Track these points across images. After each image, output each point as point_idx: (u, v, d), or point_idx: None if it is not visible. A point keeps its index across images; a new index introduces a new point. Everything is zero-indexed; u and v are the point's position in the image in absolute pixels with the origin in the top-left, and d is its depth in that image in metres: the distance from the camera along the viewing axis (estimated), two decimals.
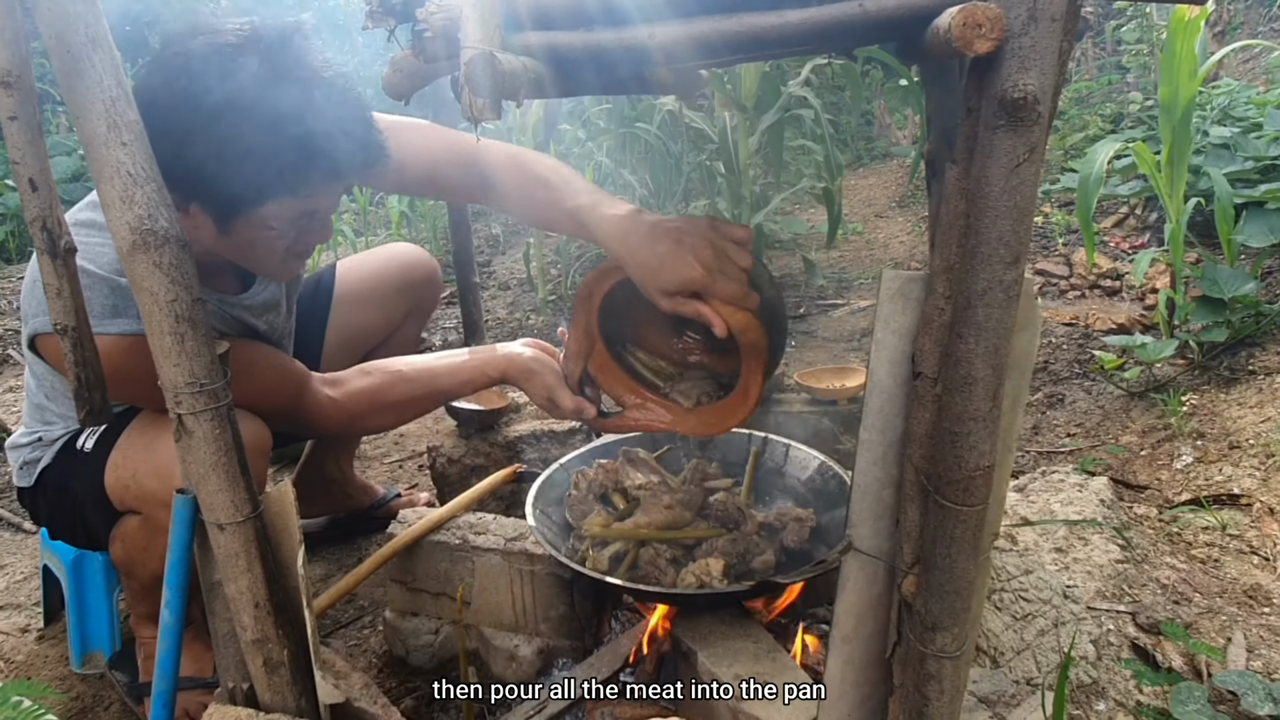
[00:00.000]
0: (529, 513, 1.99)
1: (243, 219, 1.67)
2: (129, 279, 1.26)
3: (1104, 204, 5.17)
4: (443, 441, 2.73)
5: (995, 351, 1.02)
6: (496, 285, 5.72)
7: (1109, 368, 3.57)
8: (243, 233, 1.69)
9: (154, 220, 1.24)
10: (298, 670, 1.49)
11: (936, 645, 1.16)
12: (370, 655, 2.33)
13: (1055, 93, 0.97)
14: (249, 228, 1.69)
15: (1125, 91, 6.62)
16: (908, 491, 1.18)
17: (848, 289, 5.21)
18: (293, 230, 1.74)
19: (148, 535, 1.88)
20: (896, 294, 1.17)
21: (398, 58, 1.26)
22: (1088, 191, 3.39)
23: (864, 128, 8.26)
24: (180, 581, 1.45)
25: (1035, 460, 3.16)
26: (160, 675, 1.48)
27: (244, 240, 1.71)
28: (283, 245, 1.76)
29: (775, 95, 4.74)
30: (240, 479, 1.38)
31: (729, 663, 1.68)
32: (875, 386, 1.21)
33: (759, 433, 2.30)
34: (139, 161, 1.24)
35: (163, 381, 1.30)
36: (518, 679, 2.10)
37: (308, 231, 1.78)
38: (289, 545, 1.47)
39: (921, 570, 1.16)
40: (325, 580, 2.67)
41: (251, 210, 1.65)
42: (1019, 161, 0.95)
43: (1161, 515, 2.67)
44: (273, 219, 1.68)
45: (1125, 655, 2.03)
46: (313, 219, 1.76)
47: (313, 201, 1.71)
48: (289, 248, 1.78)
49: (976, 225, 0.98)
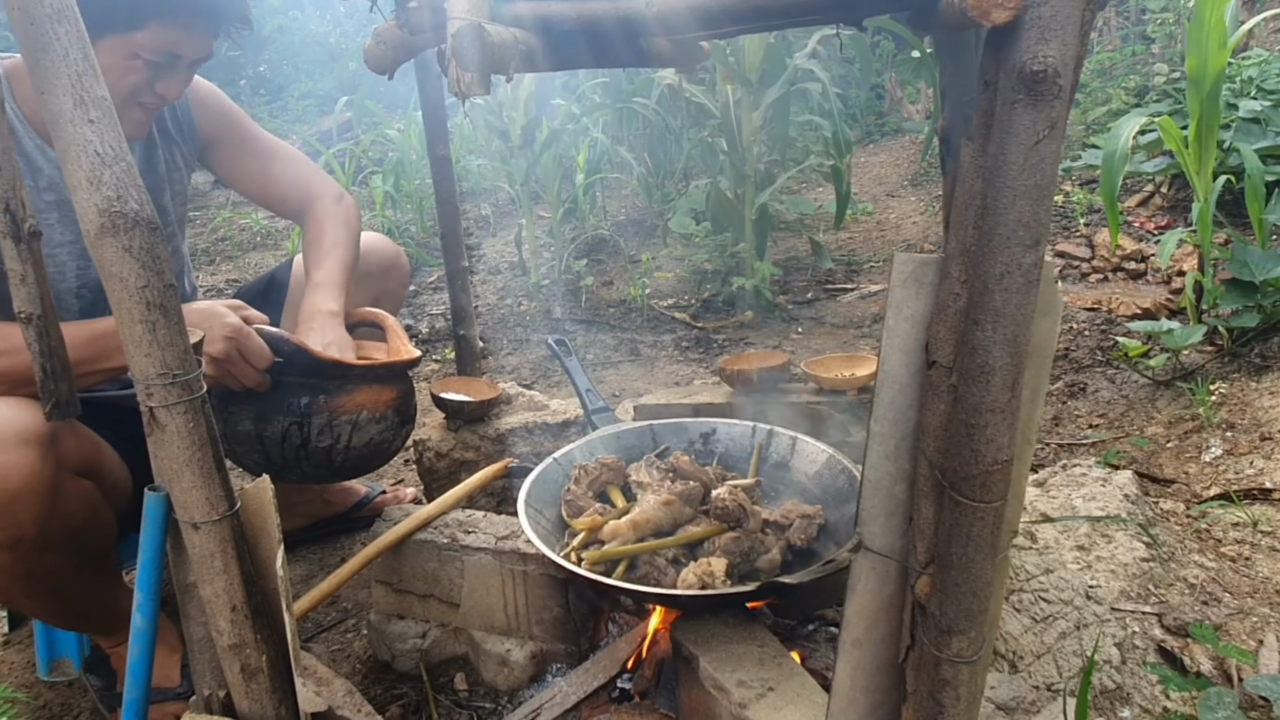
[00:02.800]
0: (521, 510, 1.99)
1: (112, 39, 1.89)
2: (96, 264, 1.26)
3: (1128, 182, 5.17)
4: (430, 435, 2.73)
5: (1014, 339, 1.01)
6: (486, 269, 5.72)
7: (1134, 355, 3.57)
8: (104, 58, 1.69)
9: (123, 202, 1.24)
10: (277, 677, 1.49)
11: (952, 649, 1.16)
12: (354, 660, 2.33)
13: (1077, 65, 0.96)
14: (112, 53, 1.89)
15: (1150, 63, 6.61)
16: (921, 487, 1.18)
17: (857, 272, 5.21)
18: (151, 71, 1.97)
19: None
20: (909, 278, 1.17)
21: (381, 29, 1.25)
22: (1112, 169, 3.38)
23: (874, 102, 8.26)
24: (153, 584, 1.45)
25: (1056, 453, 3.16)
26: (132, 683, 1.48)
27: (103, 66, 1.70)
28: (139, 82, 1.97)
29: (781, 68, 4.73)
30: (216, 475, 1.37)
31: (732, 668, 1.68)
32: (887, 376, 1.21)
33: (764, 425, 2.31)
34: (108, 140, 1.23)
35: (133, 373, 1.30)
36: (510, 685, 2.10)
37: (164, 77, 2.00)
38: (267, 545, 1.47)
39: (936, 570, 1.16)
40: (306, 582, 2.68)
41: (125, 31, 1.90)
42: (1039, 138, 0.94)
43: (1189, 511, 2.68)
44: (142, 46, 1.92)
45: (1151, 659, 2.03)
46: (175, 64, 1.99)
47: (184, 39, 1.97)
48: (140, 91, 1.99)
49: (994, 205, 0.98)
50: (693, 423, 2.40)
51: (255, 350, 1.91)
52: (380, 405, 2.03)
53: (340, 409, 1.98)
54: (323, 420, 1.98)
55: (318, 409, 1.97)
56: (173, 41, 1.96)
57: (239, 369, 1.91)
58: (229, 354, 1.88)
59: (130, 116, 2.02)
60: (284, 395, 1.96)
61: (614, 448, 2.31)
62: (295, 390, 1.96)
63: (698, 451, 2.32)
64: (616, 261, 5.61)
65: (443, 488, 2.66)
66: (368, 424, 2.03)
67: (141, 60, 1.94)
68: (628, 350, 4.56)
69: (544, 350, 4.54)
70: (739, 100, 4.78)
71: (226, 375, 1.91)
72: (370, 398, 2.02)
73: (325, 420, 1.98)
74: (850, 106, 7.75)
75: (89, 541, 1.86)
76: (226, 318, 1.88)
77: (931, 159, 6.57)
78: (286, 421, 1.96)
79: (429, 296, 5.37)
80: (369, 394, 2.02)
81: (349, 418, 1.99)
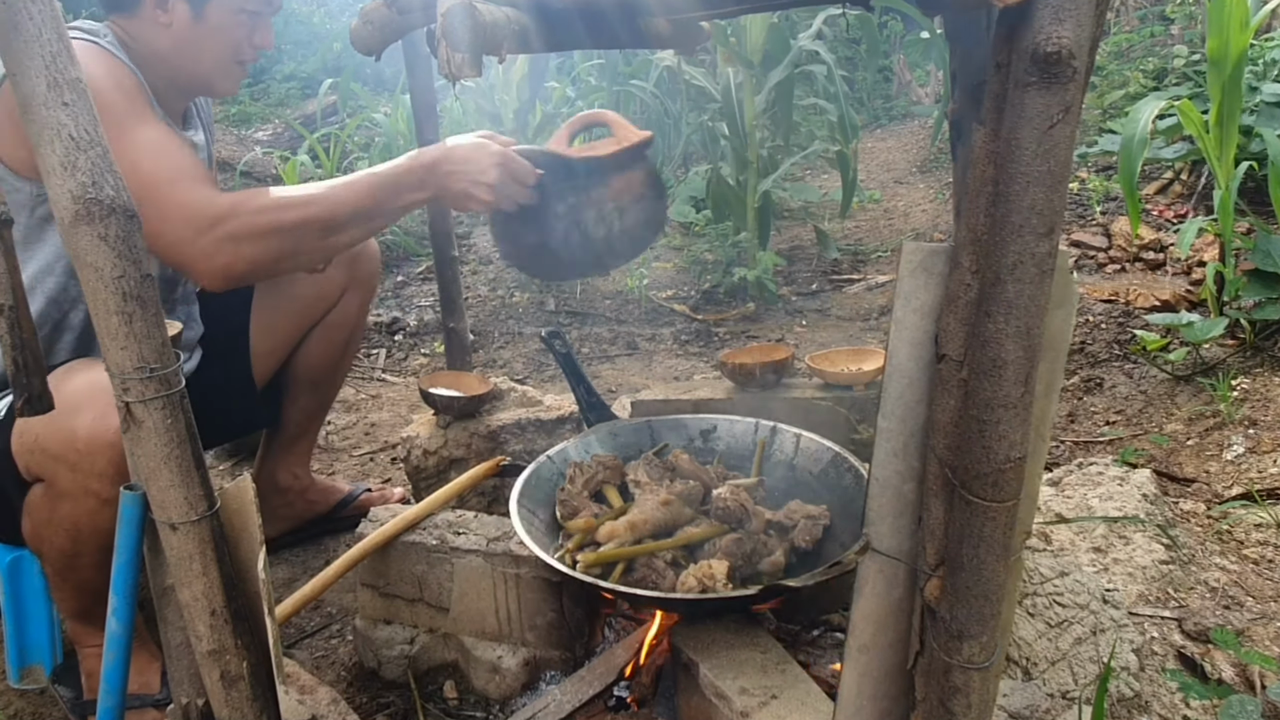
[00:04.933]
0: (513, 510, 1.99)
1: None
2: (70, 254, 1.26)
3: (1146, 169, 5.18)
4: (418, 432, 2.73)
5: (1027, 331, 1.02)
6: (477, 259, 5.72)
7: (1152, 349, 3.57)
8: (215, 16, 2.14)
9: (99, 188, 1.23)
10: (258, 685, 1.50)
11: (963, 655, 1.17)
12: (339, 667, 2.34)
13: (1092, 46, 0.96)
14: (222, 9, 2.14)
15: (1169, 44, 6.61)
16: (931, 486, 1.18)
17: (864, 262, 5.22)
18: (253, 22, 2.21)
19: (50, 503, 1.90)
20: (918, 268, 1.17)
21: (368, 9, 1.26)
22: (1130, 155, 3.39)
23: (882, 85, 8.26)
24: (128, 587, 1.45)
25: (1071, 451, 3.17)
26: (107, 690, 1.48)
27: (214, 26, 2.15)
28: (242, 36, 2.21)
29: (784, 49, 4.73)
30: (195, 473, 1.37)
31: (734, 675, 1.68)
32: (895, 370, 1.21)
33: (766, 421, 2.31)
34: (82, 123, 1.23)
35: (109, 366, 1.30)
36: (501, 693, 2.11)
37: (260, 28, 2.24)
38: (249, 546, 1.47)
39: (946, 573, 1.16)
40: (289, 585, 2.68)
41: None
42: (1053, 122, 0.95)
43: (1210, 511, 2.68)
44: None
45: (1171, 666, 2.04)
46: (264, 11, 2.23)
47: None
48: (241, 46, 2.22)
49: (1006, 192, 0.98)
50: (693, 419, 2.40)
51: (521, 169, 2.09)
52: (635, 185, 2.27)
53: (603, 199, 2.22)
54: (593, 213, 2.21)
55: (585, 204, 2.21)
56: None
57: (511, 190, 2.09)
58: (502, 178, 2.06)
59: (232, 75, 2.27)
60: (554, 202, 2.22)
61: (610, 445, 2.31)
62: (561, 195, 2.21)
63: (698, 449, 2.33)
64: None
65: (431, 487, 2.66)
66: (631, 204, 2.25)
67: (246, 13, 2.19)
68: (625, 344, 4.57)
69: (537, 344, 4.54)
70: (741, 83, 4.78)
71: (503, 199, 2.09)
72: (624, 182, 2.24)
73: (595, 213, 2.21)
74: (857, 90, 7.76)
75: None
76: (490, 147, 2.07)
77: (941, 144, 6.57)
78: (564, 224, 2.20)
79: (417, 287, 5.37)
80: (622, 180, 2.24)
81: (614, 204, 2.23)
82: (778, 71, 4.72)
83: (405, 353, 4.62)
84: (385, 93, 8.22)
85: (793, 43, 4.73)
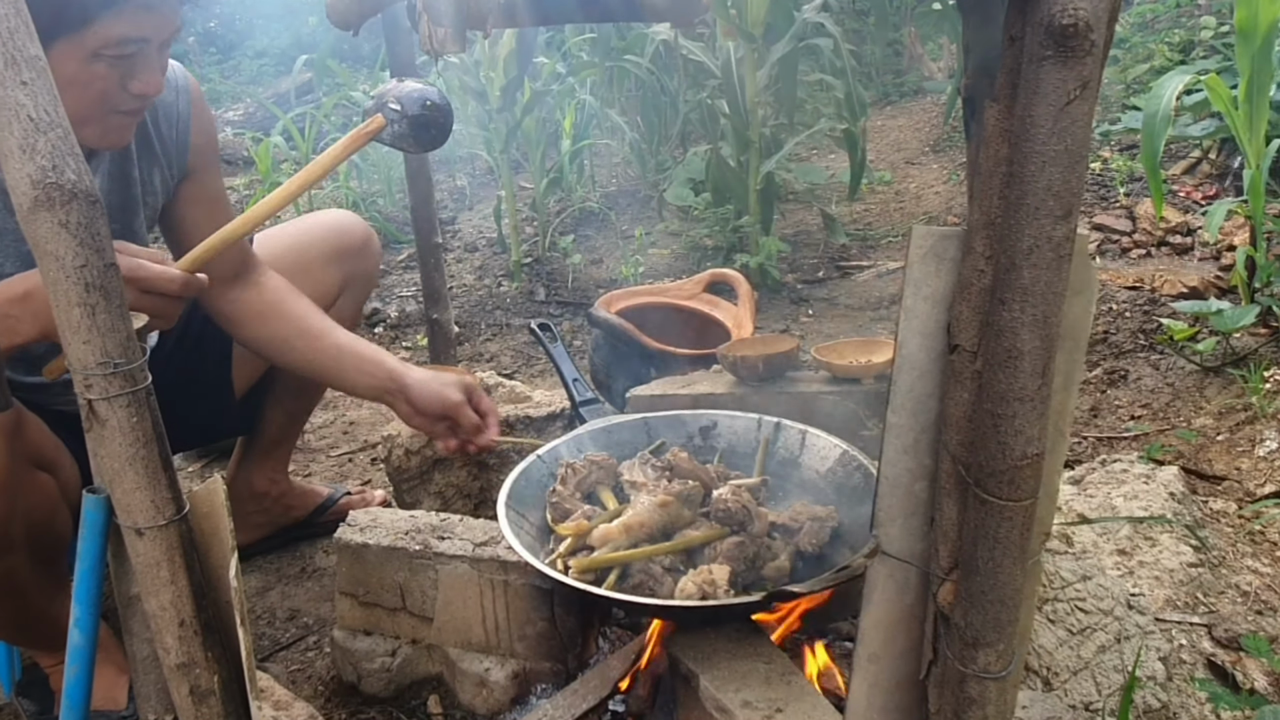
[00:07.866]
0: (501, 512, 1.99)
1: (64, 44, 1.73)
2: (30, 241, 1.26)
3: (1172, 147, 5.18)
4: (399, 431, 2.73)
5: (1044, 320, 1.02)
6: (462, 246, 5.72)
7: (1179, 338, 3.58)
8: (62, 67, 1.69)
9: (59, 172, 1.23)
10: (230, 700, 1.50)
11: (979, 664, 1.17)
12: (316, 681, 2.34)
13: (1112, 18, 0.97)
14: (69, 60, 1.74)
15: (1196, 15, 6.61)
16: (944, 484, 1.18)
17: (874, 248, 5.22)
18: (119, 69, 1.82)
19: None
20: (929, 253, 1.17)
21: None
22: (1154, 133, 3.39)
23: (892, 60, 8.25)
24: (91, 596, 1.45)
25: (1094, 447, 3.17)
26: (68, 707, 1.49)
27: (68, 79, 1.72)
28: (111, 86, 1.83)
29: (788, 22, 4.73)
30: (162, 475, 1.37)
31: (736, 687, 1.68)
32: (905, 362, 1.22)
33: (769, 417, 2.31)
34: (42, 104, 1.23)
35: (70, 361, 1.30)
36: (489, 708, 2.11)
37: (136, 72, 1.85)
38: (220, 553, 1.47)
39: (960, 576, 1.17)
40: (262, 594, 2.68)
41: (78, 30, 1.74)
42: (1069, 98, 0.95)
43: (1242, 511, 2.69)
44: (102, 42, 1.76)
45: (1200, 674, 2.04)
46: (144, 51, 1.84)
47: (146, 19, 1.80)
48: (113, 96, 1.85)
49: (1021, 173, 0.99)
50: (691, 415, 2.40)
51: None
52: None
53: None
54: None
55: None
56: (134, 26, 1.80)
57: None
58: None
59: (111, 125, 1.92)
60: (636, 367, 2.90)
61: (604, 443, 2.31)
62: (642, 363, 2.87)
63: (697, 447, 2.33)
64: (606, 237, 5.61)
65: (414, 489, 2.66)
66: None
67: (104, 61, 1.80)
68: None
69: (526, 336, 4.54)
70: (742, 58, 4.77)
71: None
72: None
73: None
74: (865, 65, 7.74)
75: (48, 541, 1.89)
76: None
77: (955, 122, 6.56)
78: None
79: (399, 276, 5.37)
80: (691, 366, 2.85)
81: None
82: (781, 45, 4.71)
83: (386, 346, 4.62)
84: (364, 69, 8.21)
85: (797, 14, 4.73)
